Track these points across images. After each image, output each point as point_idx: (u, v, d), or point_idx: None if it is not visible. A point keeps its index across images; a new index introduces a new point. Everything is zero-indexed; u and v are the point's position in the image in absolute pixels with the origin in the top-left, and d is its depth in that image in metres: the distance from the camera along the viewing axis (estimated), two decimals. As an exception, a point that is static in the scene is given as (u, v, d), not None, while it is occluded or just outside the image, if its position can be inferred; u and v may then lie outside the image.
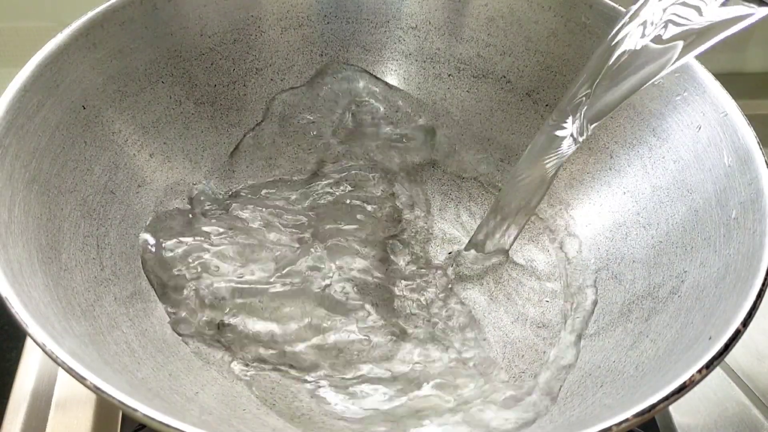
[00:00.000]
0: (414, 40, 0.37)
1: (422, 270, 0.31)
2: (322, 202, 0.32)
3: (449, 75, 0.37)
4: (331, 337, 0.28)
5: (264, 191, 0.33)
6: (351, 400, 0.26)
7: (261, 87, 0.36)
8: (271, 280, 0.29)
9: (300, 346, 0.28)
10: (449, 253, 0.32)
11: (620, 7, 0.32)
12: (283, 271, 0.29)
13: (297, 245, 0.30)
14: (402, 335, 0.28)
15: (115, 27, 0.30)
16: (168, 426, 0.19)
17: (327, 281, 0.29)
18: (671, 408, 0.34)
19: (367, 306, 0.29)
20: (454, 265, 0.31)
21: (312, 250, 0.30)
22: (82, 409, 0.31)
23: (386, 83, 0.34)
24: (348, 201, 0.32)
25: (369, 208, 0.33)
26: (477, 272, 0.31)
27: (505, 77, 0.36)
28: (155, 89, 0.32)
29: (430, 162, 0.35)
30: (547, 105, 0.35)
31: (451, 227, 0.33)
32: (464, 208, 0.34)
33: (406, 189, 0.34)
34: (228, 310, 0.28)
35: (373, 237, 0.31)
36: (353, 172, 0.34)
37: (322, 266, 0.30)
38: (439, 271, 0.31)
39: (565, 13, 0.33)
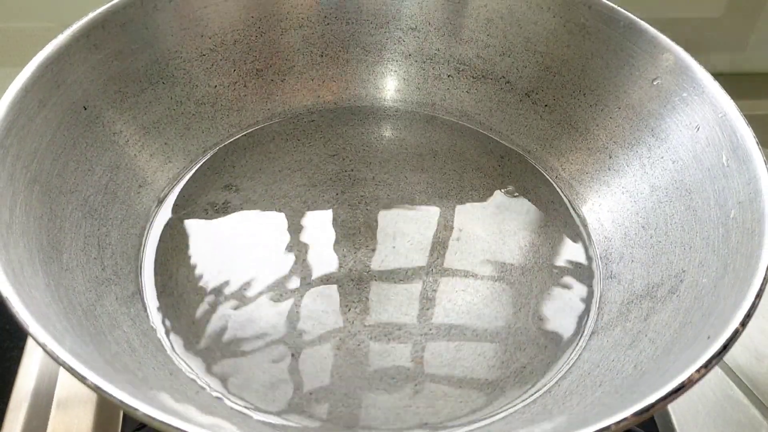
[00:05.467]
0: (414, 41, 0.37)
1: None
2: None
3: (449, 76, 0.37)
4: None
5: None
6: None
7: (261, 88, 0.36)
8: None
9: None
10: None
11: (619, 8, 0.32)
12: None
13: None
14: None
15: (116, 28, 0.30)
16: (169, 425, 0.19)
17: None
18: (670, 407, 0.34)
19: None
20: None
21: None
22: (83, 408, 0.31)
23: None
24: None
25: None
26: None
27: (504, 78, 0.36)
28: (156, 90, 0.32)
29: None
30: (546, 105, 0.35)
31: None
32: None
33: None
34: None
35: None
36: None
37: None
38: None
39: (564, 14, 0.33)
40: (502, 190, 0.34)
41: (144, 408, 0.19)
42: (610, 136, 0.33)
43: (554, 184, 0.35)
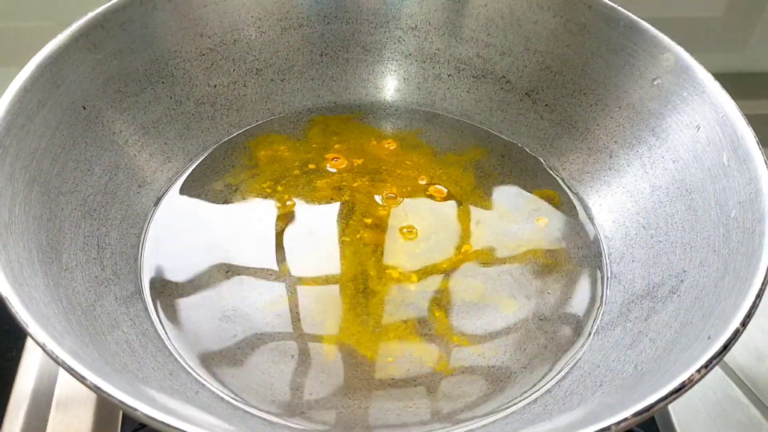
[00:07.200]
0: (414, 41, 0.37)
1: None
2: None
3: (449, 75, 0.37)
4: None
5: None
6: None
7: (261, 87, 0.36)
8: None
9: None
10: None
11: (620, 8, 0.32)
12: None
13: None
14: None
15: (115, 27, 0.30)
16: (168, 425, 0.19)
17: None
18: (670, 407, 0.34)
19: None
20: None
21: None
22: (83, 408, 0.31)
23: None
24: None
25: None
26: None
27: (504, 77, 0.36)
28: (155, 89, 0.32)
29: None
30: (546, 105, 0.35)
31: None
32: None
33: None
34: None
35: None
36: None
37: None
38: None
39: (564, 14, 0.33)
40: (503, 190, 0.34)
41: (143, 408, 0.19)
42: (610, 135, 0.33)
43: (554, 184, 0.35)
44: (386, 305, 0.29)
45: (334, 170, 0.34)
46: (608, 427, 0.19)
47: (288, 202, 0.33)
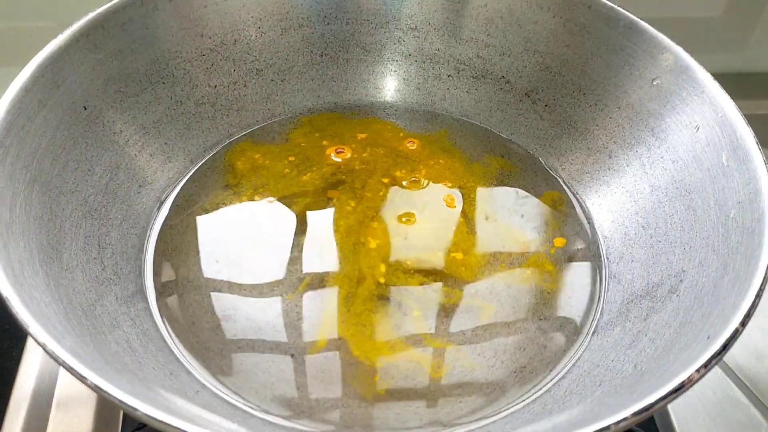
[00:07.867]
0: (413, 41, 0.37)
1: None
2: None
3: (449, 75, 0.37)
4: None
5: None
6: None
7: (261, 87, 0.36)
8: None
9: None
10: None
11: (619, 8, 0.32)
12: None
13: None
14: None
15: (115, 28, 0.30)
16: (169, 425, 0.19)
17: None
18: (670, 407, 0.34)
19: None
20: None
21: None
22: (83, 408, 0.31)
23: None
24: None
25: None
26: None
27: (504, 77, 0.36)
28: (156, 90, 0.32)
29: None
30: (546, 105, 0.35)
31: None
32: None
33: None
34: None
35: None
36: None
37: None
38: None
39: (564, 14, 0.33)
40: (503, 190, 0.34)
41: (144, 408, 0.19)
42: (609, 135, 0.33)
43: (554, 184, 0.35)
44: (386, 303, 0.29)
45: (339, 160, 0.34)
46: (607, 427, 0.19)
47: (293, 198, 0.33)
